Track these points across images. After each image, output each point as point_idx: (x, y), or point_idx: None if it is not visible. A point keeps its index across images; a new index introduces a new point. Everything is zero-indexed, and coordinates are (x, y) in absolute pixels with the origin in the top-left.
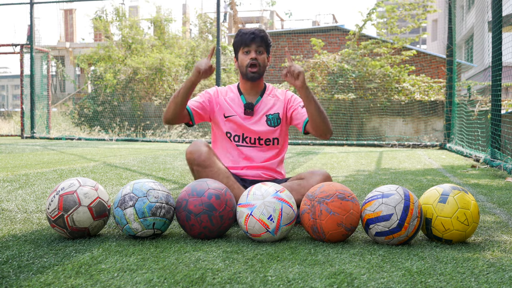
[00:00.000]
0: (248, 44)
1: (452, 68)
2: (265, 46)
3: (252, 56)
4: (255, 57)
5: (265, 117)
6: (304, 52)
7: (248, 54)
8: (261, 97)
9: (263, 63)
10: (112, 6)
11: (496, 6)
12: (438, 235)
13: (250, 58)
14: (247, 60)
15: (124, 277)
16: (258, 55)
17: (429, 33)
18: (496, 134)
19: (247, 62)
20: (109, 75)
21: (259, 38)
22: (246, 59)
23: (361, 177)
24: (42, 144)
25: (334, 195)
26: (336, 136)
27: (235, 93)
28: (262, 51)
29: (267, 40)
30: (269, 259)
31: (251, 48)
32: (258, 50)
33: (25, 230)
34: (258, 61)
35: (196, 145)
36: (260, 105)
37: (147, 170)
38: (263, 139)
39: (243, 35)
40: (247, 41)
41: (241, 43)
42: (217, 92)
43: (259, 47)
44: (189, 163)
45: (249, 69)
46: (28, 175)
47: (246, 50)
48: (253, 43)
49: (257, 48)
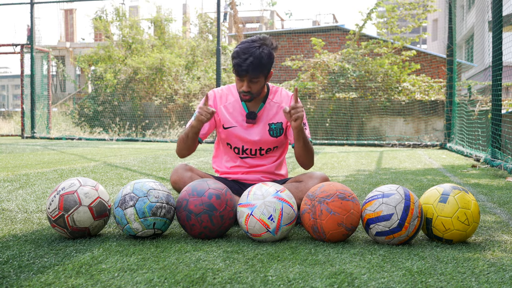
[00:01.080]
0: (240, 76)
1: (453, 67)
2: (260, 74)
3: (244, 89)
4: (247, 90)
5: (268, 126)
6: (305, 51)
7: (241, 83)
8: (264, 104)
9: (257, 91)
10: (112, 6)
11: (496, 6)
12: (438, 235)
13: (242, 89)
14: (240, 88)
15: (124, 277)
16: (252, 84)
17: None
18: (497, 134)
19: (240, 90)
20: (109, 75)
21: (252, 71)
22: (239, 85)
23: (362, 176)
24: (43, 144)
25: (334, 195)
26: (336, 136)
27: (235, 98)
28: (257, 80)
29: (263, 68)
30: (270, 259)
31: (244, 79)
32: (252, 81)
33: (25, 230)
34: (250, 91)
35: (178, 174)
36: (263, 112)
37: (148, 170)
38: (264, 149)
39: (236, 65)
40: (239, 74)
41: (234, 71)
42: (215, 99)
43: (253, 78)
44: (175, 190)
45: (242, 95)
46: (28, 175)
47: (238, 79)
48: (246, 76)
49: (250, 79)
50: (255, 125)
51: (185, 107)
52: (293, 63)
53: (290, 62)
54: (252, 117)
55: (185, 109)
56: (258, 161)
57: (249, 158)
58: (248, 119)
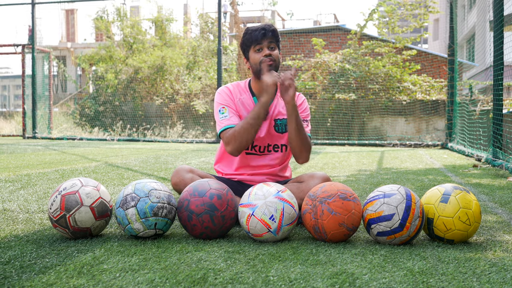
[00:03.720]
0: (259, 41)
1: (454, 67)
2: (276, 41)
3: (266, 53)
4: (269, 53)
5: (274, 122)
6: (306, 51)
7: (261, 52)
8: (272, 100)
9: (277, 59)
10: (114, 6)
11: (497, 5)
12: (440, 235)
13: (264, 55)
14: (261, 58)
15: (126, 277)
16: (271, 51)
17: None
18: (498, 134)
19: (261, 59)
20: (110, 75)
21: (270, 32)
22: (258, 57)
23: (363, 177)
24: (44, 144)
25: (335, 195)
26: (337, 136)
27: (247, 95)
28: (274, 47)
29: (278, 35)
30: (271, 259)
31: (263, 44)
32: (270, 46)
33: (27, 230)
34: (272, 56)
35: (179, 175)
36: (271, 108)
37: (149, 170)
38: (271, 145)
39: (252, 32)
40: (258, 38)
41: (251, 41)
42: (231, 93)
43: (271, 42)
44: (176, 192)
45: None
46: (30, 175)
47: (258, 47)
48: (265, 39)
49: (269, 44)
50: (265, 121)
51: (186, 107)
52: (294, 62)
53: (290, 62)
54: None
55: (186, 109)
56: (265, 160)
57: (256, 155)
58: None
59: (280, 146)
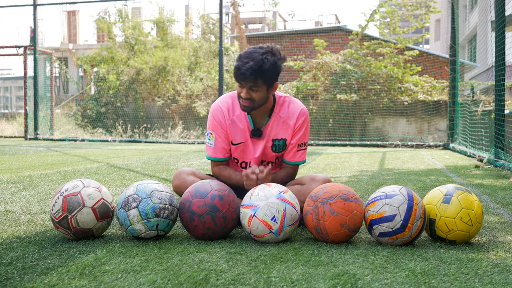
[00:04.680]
0: (238, 80)
1: (455, 68)
2: (262, 81)
3: (242, 95)
4: (245, 96)
5: (271, 142)
6: (307, 52)
7: (241, 89)
8: (270, 118)
9: (259, 99)
10: (115, 8)
11: (499, 5)
12: (441, 235)
13: (241, 95)
14: (239, 94)
15: (128, 278)
16: (251, 92)
17: (432, 33)
18: (500, 134)
19: (239, 96)
20: (112, 76)
21: (250, 76)
22: (238, 91)
23: (364, 177)
24: (46, 145)
25: (337, 195)
26: (339, 136)
27: (242, 112)
28: (257, 88)
29: (263, 75)
30: (273, 260)
31: (243, 85)
32: (252, 88)
33: (29, 232)
34: (251, 98)
35: (180, 178)
36: (268, 127)
37: (151, 171)
38: (265, 161)
39: (236, 68)
40: (237, 78)
41: (234, 74)
42: (223, 115)
43: (252, 86)
44: (177, 194)
45: (241, 102)
46: (32, 177)
47: (239, 85)
48: (244, 81)
49: (250, 86)
50: (260, 140)
51: (188, 108)
52: (295, 63)
53: (292, 63)
54: (257, 135)
55: (188, 110)
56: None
57: None
58: (252, 136)
59: (275, 160)
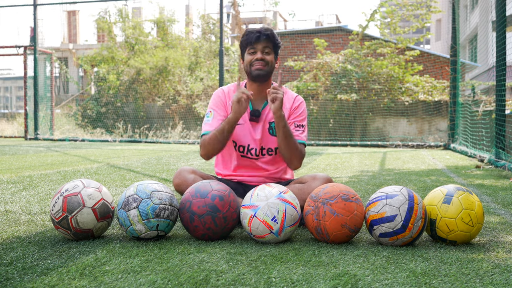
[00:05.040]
0: (253, 44)
1: (456, 68)
2: (272, 46)
3: (258, 57)
4: (261, 57)
5: (268, 125)
6: (307, 52)
7: (254, 54)
8: (268, 102)
9: (271, 63)
10: (115, 7)
11: (500, 5)
12: (442, 236)
13: (255, 58)
14: (254, 58)
15: (128, 279)
16: (265, 55)
17: (433, 33)
18: (501, 134)
19: (254, 59)
20: (112, 76)
21: (265, 36)
22: (250, 58)
23: (365, 177)
24: (46, 145)
25: (338, 196)
26: (339, 137)
27: None
28: (269, 51)
29: (275, 39)
30: (273, 261)
31: (257, 47)
32: (265, 50)
33: (29, 232)
34: (265, 59)
35: (181, 176)
36: (266, 110)
37: (151, 171)
38: (265, 148)
39: (249, 34)
40: (253, 40)
41: (247, 43)
42: (224, 95)
43: (266, 47)
44: (178, 193)
45: (253, 67)
46: (32, 177)
47: (252, 50)
48: (259, 42)
49: (263, 48)
50: (258, 123)
51: (188, 108)
52: (296, 63)
53: (292, 63)
54: (256, 114)
55: (188, 110)
56: (258, 164)
57: (253, 159)
58: (252, 116)
59: (274, 149)
